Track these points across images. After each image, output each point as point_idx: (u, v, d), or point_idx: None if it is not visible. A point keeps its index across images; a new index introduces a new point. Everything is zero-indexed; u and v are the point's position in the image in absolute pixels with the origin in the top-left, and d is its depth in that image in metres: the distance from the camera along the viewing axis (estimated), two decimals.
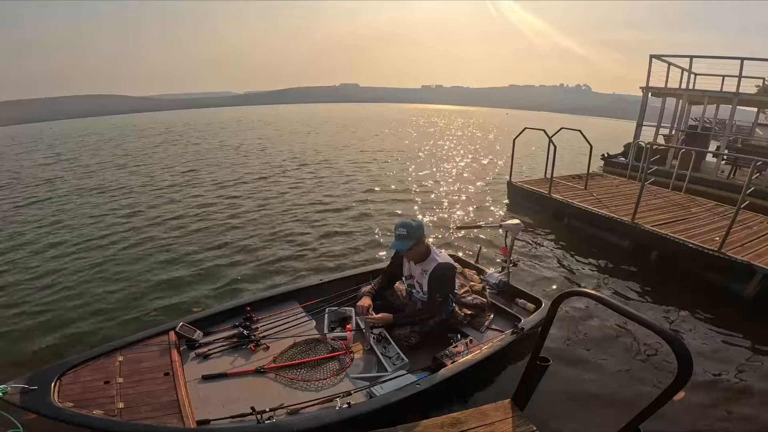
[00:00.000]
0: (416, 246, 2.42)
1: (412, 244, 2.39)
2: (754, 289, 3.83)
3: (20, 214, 6.46)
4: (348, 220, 6.07)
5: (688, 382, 1.29)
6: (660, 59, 9.28)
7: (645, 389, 2.57)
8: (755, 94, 9.83)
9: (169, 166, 10.89)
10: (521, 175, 9.23)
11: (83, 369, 2.01)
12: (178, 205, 6.86)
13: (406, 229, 2.38)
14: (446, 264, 2.50)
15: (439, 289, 2.48)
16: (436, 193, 7.99)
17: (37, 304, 3.55)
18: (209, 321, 2.56)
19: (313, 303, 2.87)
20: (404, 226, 2.40)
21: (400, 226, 2.42)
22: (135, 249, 4.84)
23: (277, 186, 8.41)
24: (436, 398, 2.15)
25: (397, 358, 2.38)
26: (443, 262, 2.48)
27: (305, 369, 2.27)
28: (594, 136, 7.34)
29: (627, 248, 5.01)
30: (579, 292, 1.67)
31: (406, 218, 2.55)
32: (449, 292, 2.60)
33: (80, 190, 8.12)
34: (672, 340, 1.29)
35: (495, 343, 2.42)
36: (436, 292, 2.48)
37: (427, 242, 2.54)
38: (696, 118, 10.65)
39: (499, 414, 1.95)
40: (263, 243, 5.07)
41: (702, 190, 7.55)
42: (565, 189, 6.65)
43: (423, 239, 2.46)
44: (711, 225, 4.99)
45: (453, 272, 2.60)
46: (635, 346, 3.08)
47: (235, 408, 1.89)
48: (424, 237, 2.46)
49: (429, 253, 2.52)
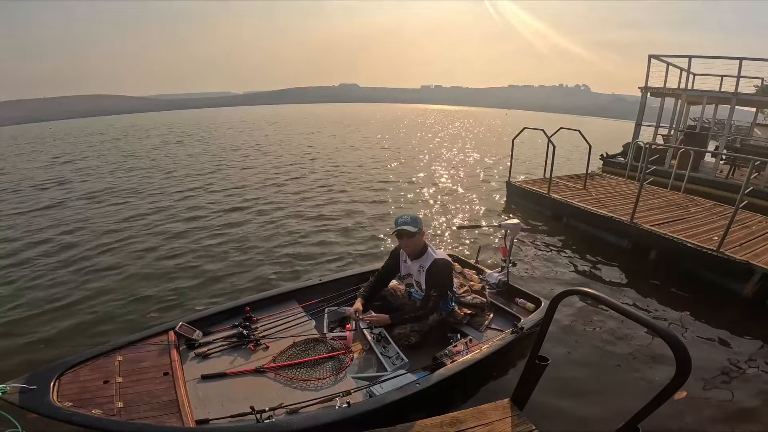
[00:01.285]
0: (417, 235, 2.48)
1: (416, 230, 2.46)
2: (753, 289, 3.83)
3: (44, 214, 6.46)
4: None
5: (686, 381, 1.29)
6: (659, 59, 9.30)
7: (643, 388, 2.57)
8: (754, 94, 9.85)
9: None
10: (529, 175, 9.23)
11: (82, 368, 2.01)
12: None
13: (410, 216, 2.50)
14: (443, 260, 2.54)
15: (436, 284, 2.50)
16: (436, 194, 8.00)
17: (37, 304, 3.56)
18: (209, 321, 2.56)
19: (312, 303, 2.87)
20: (406, 215, 2.51)
21: (401, 216, 2.52)
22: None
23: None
24: (435, 398, 2.15)
25: (397, 357, 2.39)
26: (440, 258, 2.53)
27: (305, 368, 2.27)
28: (593, 136, 7.35)
29: (626, 248, 5.02)
30: (578, 291, 1.67)
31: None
32: (446, 288, 2.60)
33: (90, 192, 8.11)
34: (670, 340, 1.30)
35: (495, 342, 2.42)
36: (431, 287, 2.50)
37: (424, 239, 2.59)
38: (695, 118, 10.68)
39: (498, 413, 1.95)
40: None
41: (701, 189, 7.57)
42: (564, 189, 6.66)
43: (422, 231, 2.53)
44: (709, 225, 5.00)
45: (450, 268, 2.62)
46: (634, 346, 3.08)
47: (234, 407, 1.89)
48: (423, 231, 2.54)
49: (426, 249, 2.57)
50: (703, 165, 9.34)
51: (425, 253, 2.56)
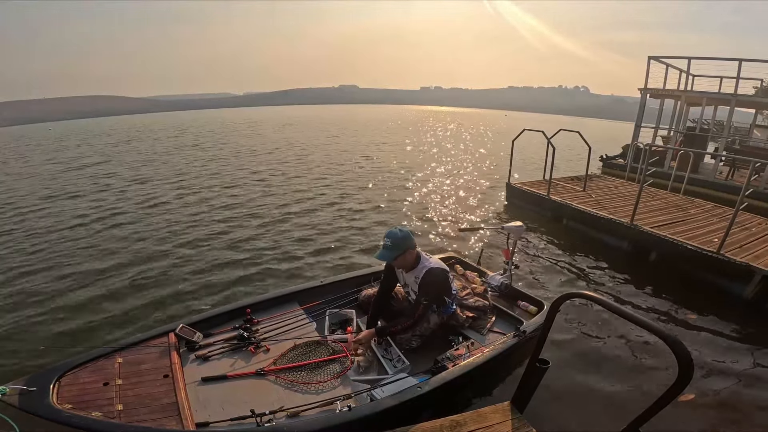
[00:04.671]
0: (402, 256, 2.38)
1: (397, 254, 2.36)
2: (753, 291, 3.84)
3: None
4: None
5: (689, 384, 1.29)
6: (658, 61, 9.32)
7: (645, 391, 2.57)
8: (753, 95, 9.87)
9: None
10: (530, 176, 9.22)
11: (82, 370, 2.00)
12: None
13: (391, 240, 2.35)
14: (436, 269, 2.44)
15: (427, 293, 2.41)
16: (435, 195, 8.00)
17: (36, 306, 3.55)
18: (209, 323, 2.55)
19: (313, 305, 2.86)
20: (390, 236, 2.37)
21: (386, 236, 2.39)
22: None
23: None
24: (437, 401, 2.14)
25: (398, 360, 2.37)
26: (433, 268, 2.43)
27: (305, 371, 2.26)
28: (593, 138, 7.35)
29: (626, 250, 5.02)
30: (578, 294, 1.67)
31: (394, 227, 2.50)
32: (440, 296, 2.55)
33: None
34: (672, 342, 1.29)
35: (497, 345, 2.40)
36: (422, 296, 2.41)
37: (417, 251, 2.48)
38: (694, 119, 10.69)
39: (498, 416, 1.95)
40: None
41: (700, 191, 7.58)
42: (563, 190, 6.66)
43: (410, 249, 2.40)
44: (710, 226, 5.01)
45: (443, 277, 2.52)
46: (635, 348, 3.08)
47: (234, 410, 1.88)
48: (411, 247, 2.40)
49: (419, 261, 2.48)
50: (703, 166, 9.35)
51: (418, 263, 2.48)
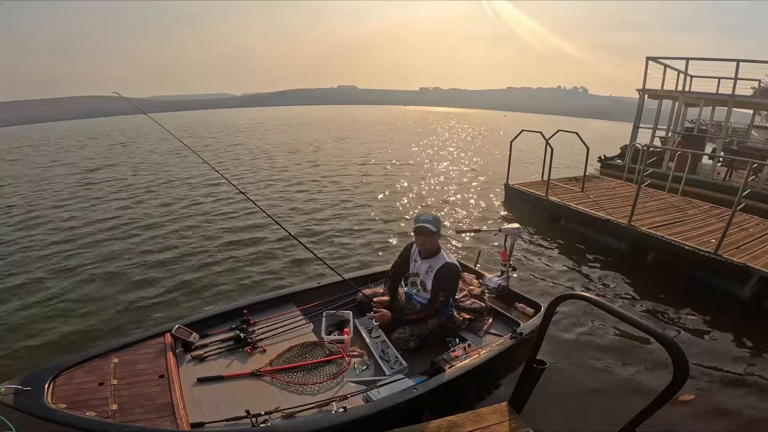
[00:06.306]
0: (437, 234, 2.50)
1: (436, 231, 2.47)
2: (751, 291, 3.84)
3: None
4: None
5: (684, 385, 1.28)
6: (656, 61, 9.34)
7: (641, 392, 2.56)
8: (751, 96, 9.88)
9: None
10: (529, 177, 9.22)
11: (77, 370, 1.99)
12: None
13: (432, 216, 2.51)
14: (454, 265, 2.53)
15: (444, 287, 2.49)
16: (434, 196, 8.00)
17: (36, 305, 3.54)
18: (205, 323, 2.54)
19: (310, 306, 2.85)
20: (428, 214, 2.54)
21: (424, 214, 2.53)
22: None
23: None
24: (433, 403, 2.14)
25: (395, 362, 2.37)
26: (451, 263, 2.52)
27: (302, 372, 2.26)
28: (591, 138, 7.36)
29: (624, 250, 5.02)
30: (575, 295, 1.67)
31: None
32: (452, 293, 2.61)
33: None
34: (668, 343, 1.29)
35: (494, 347, 2.40)
36: (439, 291, 2.49)
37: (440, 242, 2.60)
38: (692, 120, 10.71)
39: (495, 417, 1.94)
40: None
41: (698, 192, 7.60)
42: (562, 191, 6.67)
43: (440, 235, 2.54)
44: (707, 227, 5.01)
45: (458, 274, 2.62)
46: (631, 349, 3.08)
47: (230, 411, 1.87)
48: (440, 234, 2.55)
49: (440, 252, 2.58)
50: (701, 167, 9.37)
51: (438, 255, 2.57)
